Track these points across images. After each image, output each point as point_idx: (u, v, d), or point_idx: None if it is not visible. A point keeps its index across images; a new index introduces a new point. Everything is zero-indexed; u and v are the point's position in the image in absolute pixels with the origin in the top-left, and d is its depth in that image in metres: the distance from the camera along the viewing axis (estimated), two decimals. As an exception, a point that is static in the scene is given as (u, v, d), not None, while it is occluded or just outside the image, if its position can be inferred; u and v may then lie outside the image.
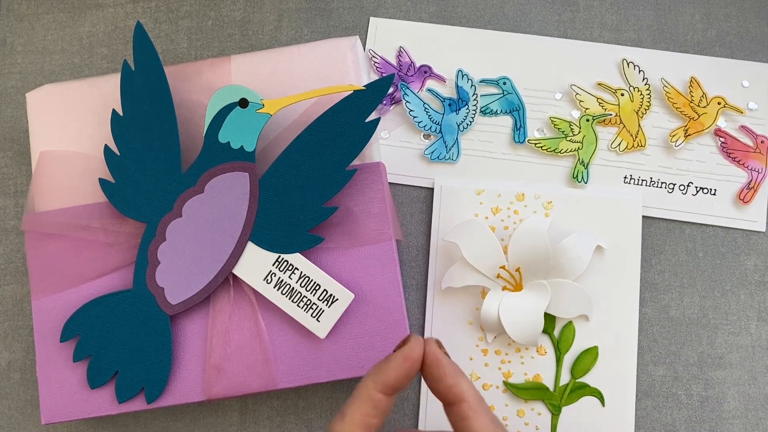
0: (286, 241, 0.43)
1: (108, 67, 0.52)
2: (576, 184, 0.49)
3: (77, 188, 0.45)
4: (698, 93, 0.49)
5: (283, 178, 0.43)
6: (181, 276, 0.43)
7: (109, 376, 0.43)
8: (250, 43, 0.52)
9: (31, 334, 0.49)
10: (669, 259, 0.48)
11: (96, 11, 0.53)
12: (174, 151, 0.43)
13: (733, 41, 0.51)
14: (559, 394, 0.46)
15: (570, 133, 0.49)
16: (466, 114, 0.50)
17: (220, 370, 0.43)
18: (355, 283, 0.44)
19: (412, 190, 0.50)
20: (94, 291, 0.44)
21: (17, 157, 0.51)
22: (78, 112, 0.46)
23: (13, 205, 0.50)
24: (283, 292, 0.43)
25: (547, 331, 0.47)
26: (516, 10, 0.51)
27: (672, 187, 0.49)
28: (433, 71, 0.50)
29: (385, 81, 0.43)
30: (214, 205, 0.43)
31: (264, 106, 0.43)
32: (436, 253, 0.48)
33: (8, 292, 0.50)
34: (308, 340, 0.43)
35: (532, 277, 0.46)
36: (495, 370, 0.47)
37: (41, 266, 0.44)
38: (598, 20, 0.51)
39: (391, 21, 0.51)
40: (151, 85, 0.43)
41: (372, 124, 0.43)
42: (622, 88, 0.50)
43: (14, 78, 0.52)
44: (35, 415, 0.48)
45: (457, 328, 0.47)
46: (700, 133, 0.49)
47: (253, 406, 0.48)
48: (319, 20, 0.52)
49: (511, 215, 0.48)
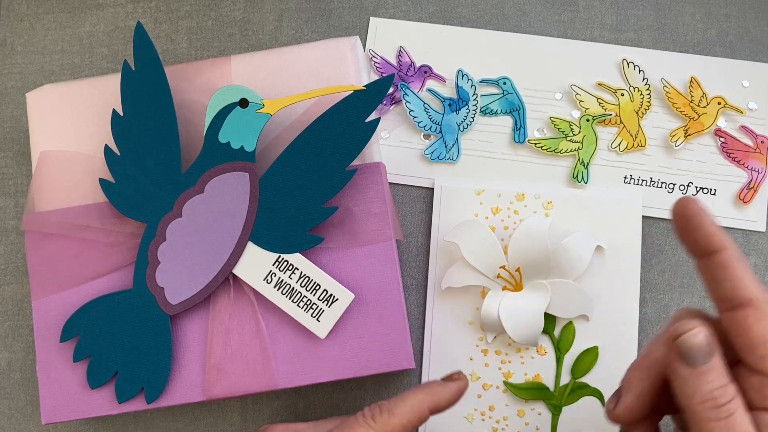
0: (286, 241, 0.43)
1: (108, 67, 0.52)
2: (576, 184, 0.49)
3: (77, 188, 0.45)
4: (698, 93, 0.49)
5: (283, 178, 0.43)
6: (181, 276, 0.43)
7: (109, 376, 0.43)
8: (250, 43, 0.52)
9: (31, 334, 0.49)
10: (669, 259, 0.48)
11: (96, 11, 0.53)
12: (174, 151, 0.43)
13: (733, 41, 0.51)
14: (559, 394, 0.46)
15: (570, 133, 0.49)
16: (466, 114, 0.50)
17: (220, 370, 0.43)
18: (355, 283, 0.44)
19: (412, 190, 0.50)
20: (94, 291, 0.44)
21: (17, 157, 0.51)
22: (78, 112, 0.46)
23: (13, 205, 0.50)
24: (283, 292, 0.43)
25: (547, 331, 0.47)
26: (516, 10, 0.51)
27: (672, 187, 0.49)
28: (433, 71, 0.50)
29: (385, 81, 0.43)
30: (214, 205, 0.43)
31: (264, 106, 0.43)
32: (436, 253, 0.48)
33: (8, 292, 0.50)
34: (308, 340, 0.43)
35: (532, 277, 0.46)
36: (495, 370, 0.47)
37: (41, 266, 0.44)
38: (598, 20, 0.51)
39: (391, 21, 0.51)
40: (151, 85, 0.43)
41: (372, 124, 0.43)
42: (622, 88, 0.50)
43: (14, 78, 0.52)
44: (35, 415, 0.48)
45: (457, 328, 0.47)
46: (700, 133, 0.49)
47: (253, 406, 0.48)
48: (319, 20, 0.52)
49: (511, 215, 0.48)
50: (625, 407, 0.36)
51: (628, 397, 0.36)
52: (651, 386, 0.35)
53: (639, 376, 0.36)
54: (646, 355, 0.36)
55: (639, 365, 0.36)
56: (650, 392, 0.35)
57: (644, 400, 0.35)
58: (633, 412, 0.36)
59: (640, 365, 0.36)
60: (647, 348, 0.36)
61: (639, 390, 0.35)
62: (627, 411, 0.36)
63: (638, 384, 0.35)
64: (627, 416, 0.36)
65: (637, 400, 0.35)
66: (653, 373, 0.35)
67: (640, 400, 0.35)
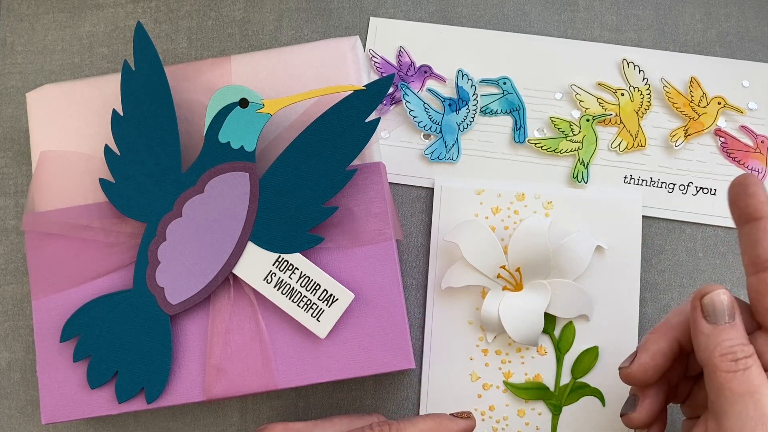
0: (286, 241, 0.43)
1: (108, 67, 0.52)
2: (576, 184, 0.49)
3: (77, 188, 0.45)
4: (698, 93, 0.49)
5: (283, 178, 0.43)
6: (181, 276, 0.43)
7: (109, 376, 0.43)
8: (250, 43, 0.52)
9: (31, 334, 0.49)
10: (669, 259, 0.48)
11: (96, 11, 0.53)
12: (174, 151, 0.43)
13: (733, 41, 0.51)
14: (559, 394, 0.46)
15: (570, 133, 0.49)
16: (466, 114, 0.50)
17: (220, 370, 0.43)
18: (355, 283, 0.44)
19: (412, 190, 0.50)
20: (94, 291, 0.44)
21: (17, 157, 0.51)
22: (78, 112, 0.46)
23: (13, 205, 0.50)
24: (283, 292, 0.43)
25: (547, 331, 0.47)
26: (516, 10, 0.51)
27: (672, 187, 0.49)
28: (433, 71, 0.50)
29: (385, 81, 0.43)
30: (214, 205, 0.43)
31: (264, 106, 0.43)
32: (436, 253, 0.48)
33: (8, 292, 0.50)
34: (308, 340, 0.43)
35: (532, 277, 0.46)
36: (495, 370, 0.47)
37: (41, 266, 0.44)
38: (598, 20, 0.51)
39: (391, 21, 0.51)
40: (151, 85, 0.43)
41: (372, 124, 0.43)
42: (622, 88, 0.50)
43: (14, 78, 0.52)
44: (35, 415, 0.48)
45: (457, 328, 0.47)
46: (700, 133, 0.49)
47: (253, 406, 0.48)
48: (319, 20, 0.52)
49: (511, 215, 0.48)
50: (639, 365, 0.38)
51: (643, 356, 0.38)
52: (667, 348, 0.37)
53: (656, 337, 0.38)
54: (665, 321, 0.38)
55: (657, 329, 0.38)
56: (665, 354, 0.37)
57: (658, 361, 0.37)
58: (646, 371, 0.37)
59: (659, 329, 0.38)
60: (667, 316, 0.39)
61: (655, 350, 0.38)
62: (641, 369, 0.37)
63: (655, 344, 0.38)
64: (640, 375, 0.38)
65: (653, 360, 0.37)
66: (670, 336, 0.38)
67: (656, 360, 0.37)
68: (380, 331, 0.43)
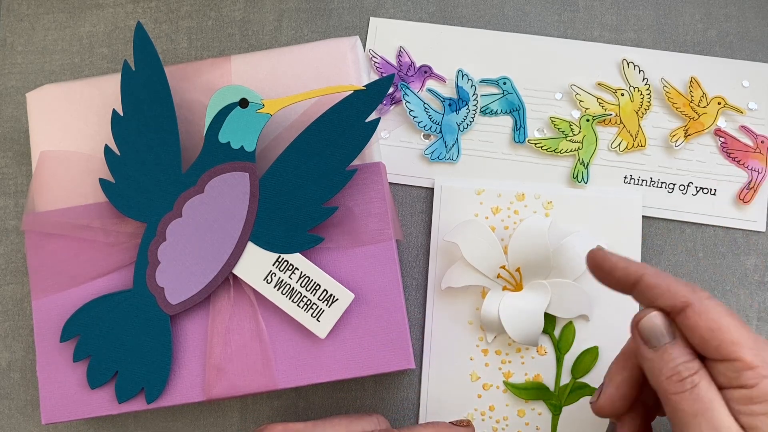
0: (286, 241, 0.43)
1: (108, 67, 0.52)
2: (576, 184, 0.49)
3: (77, 188, 0.45)
4: (698, 93, 0.49)
5: (283, 178, 0.43)
6: (181, 276, 0.43)
7: (109, 376, 0.43)
8: (250, 43, 0.52)
9: (31, 334, 0.49)
10: (669, 259, 0.48)
11: (96, 11, 0.53)
12: (174, 151, 0.43)
13: (733, 41, 0.51)
14: (559, 394, 0.46)
15: (570, 133, 0.49)
16: (466, 114, 0.50)
17: (220, 370, 0.43)
18: (355, 283, 0.44)
19: (412, 190, 0.50)
20: (94, 291, 0.44)
21: (17, 157, 0.51)
22: (78, 112, 0.46)
23: (13, 205, 0.50)
24: (283, 292, 0.43)
25: (547, 331, 0.47)
26: (516, 10, 0.51)
27: (672, 187, 0.49)
28: (433, 71, 0.50)
29: (385, 81, 0.43)
30: (214, 205, 0.43)
31: (264, 106, 0.43)
32: (436, 253, 0.48)
33: (8, 292, 0.50)
34: (308, 340, 0.43)
35: (532, 277, 0.46)
36: (495, 370, 0.47)
37: (41, 266, 0.44)
38: (598, 20, 0.51)
39: (391, 21, 0.51)
40: (151, 85, 0.43)
41: (372, 124, 0.43)
42: (622, 88, 0.50)
43: (14, 78, 0.52)
44: (35, 415, 0.48)
45: (457, 328, 0.47)
46: (700, 133, 0.49)
47: (253, 406, 0.48)
48: (319, 20, 0.52)
49: (511, 215, 0.48)
50: (606, 398, 0.37)
51: (608, 389, 0.38)
52: (630, 377, 0.37)
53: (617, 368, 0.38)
54: (624, 349, 0.38)
55: (618, 359, 0.38)
56: (629, 382, 0.37)
57: (624, 391, 0.37)
58: (614, 402, 0.37)
59: (619, 359, 0.38)
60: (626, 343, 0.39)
61: (618, 381, 0.37)
62: (608, 402, 0.37)
63: (618, 375, 0.38)
64: (608, 407, 0.38)
65: (617, 391, 0.37)
66: (630, 364, 0.37)
67: (620, 391, 0.37)
68: (380, 331, 0.43)
